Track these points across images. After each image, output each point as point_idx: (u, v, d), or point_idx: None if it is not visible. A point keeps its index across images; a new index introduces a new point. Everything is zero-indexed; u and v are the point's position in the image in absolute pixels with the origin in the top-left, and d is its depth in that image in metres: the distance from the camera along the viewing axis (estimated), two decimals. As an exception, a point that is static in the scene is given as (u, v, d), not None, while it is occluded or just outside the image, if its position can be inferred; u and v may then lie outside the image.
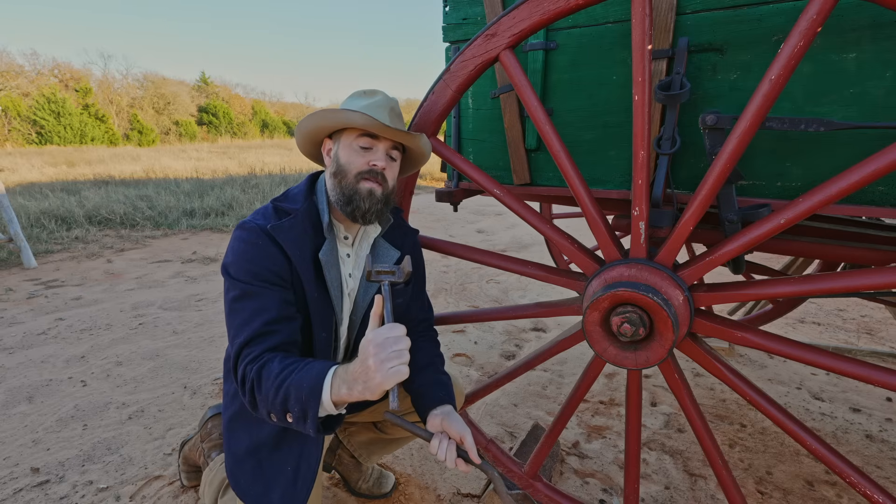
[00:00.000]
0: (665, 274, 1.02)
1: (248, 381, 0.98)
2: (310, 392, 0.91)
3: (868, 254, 1.19)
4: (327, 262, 1.15)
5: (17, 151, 20.66)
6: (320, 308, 1.16)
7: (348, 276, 1.22)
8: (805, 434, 0.99)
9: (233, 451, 1.22)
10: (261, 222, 1.11)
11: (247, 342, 1.02)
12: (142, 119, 34.57)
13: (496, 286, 4.08)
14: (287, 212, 1.14)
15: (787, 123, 0.98)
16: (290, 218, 1.12)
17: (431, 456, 1.88)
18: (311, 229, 1.14)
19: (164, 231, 6.19)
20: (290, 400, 0.92)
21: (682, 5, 1.08)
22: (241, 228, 1.12)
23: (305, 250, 1.12)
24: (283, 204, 1.16)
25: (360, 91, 1.18)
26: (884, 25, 0.91)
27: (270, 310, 1.06)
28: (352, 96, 1.18)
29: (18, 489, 1.69)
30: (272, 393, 0.94)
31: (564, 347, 1.26)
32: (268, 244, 1.08)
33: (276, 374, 0.95)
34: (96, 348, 2.85)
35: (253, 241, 1.09)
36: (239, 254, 1.09)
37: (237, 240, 1.11)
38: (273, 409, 0.96)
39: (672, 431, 2.05)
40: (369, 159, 1.12)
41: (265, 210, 1.15)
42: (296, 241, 1.10)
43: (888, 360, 2.61)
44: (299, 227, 1.12)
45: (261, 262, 1.08)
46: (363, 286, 1.25)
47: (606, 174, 1.27)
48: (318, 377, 0.92)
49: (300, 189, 1.20)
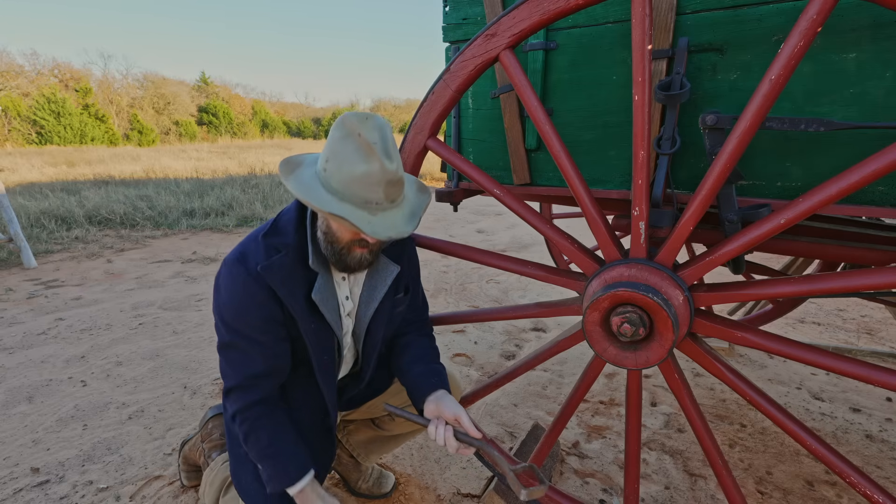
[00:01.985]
0: (665, 274, 1.02)
1: (238, 432, 1.14)
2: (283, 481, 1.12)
3: (868, 254, 1.19)
4: (322, 299, 1.12)
5: (17, 151, 20.65)
6: (319, 337, 1.16)
7: (345, 299, 1.21)
8: (805, 434, 0.99)
9: (235, 452, 1.23)
10: (250, 265, 1.05)
11: (231, 389, 1.13)
12: (142, 119, 34.54)
13: (496, 286, 4.08)
14: (277, 248, 1.08)
15: (787, 123, 0.98)
16: (281, 256, 1.07)
17: (432, 456, 1.88)
18: (302, 265, 1.10)
19: (164, 231, 6.19)
20: (267, 470, 1.12)
21: (682, 5, 1.08)
22: (230, 268, 1.07)
23: (297, 289, 1.09)
24: (274, 239, 1.09)
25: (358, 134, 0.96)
26: (884, 25, 0.91)
27: (255, 364, 1.10)
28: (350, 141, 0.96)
29: (18, 489, 1.69)
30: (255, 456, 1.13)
31: (564, 347, 1.26)
32: (256, 290, 1.05)
33: (265, 446, 1.12)
34: (96, 348, 2.85)
35: (242, 287, 1.05)
36: (228, 299, 1.07)
37: (227, 281, 1.07)
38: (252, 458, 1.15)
39: (672, 431, 2.05)
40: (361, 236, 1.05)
41: (255, 246, 1.08)
42: (286, 281, 1.07)
43: (888, 360, 2.61)
44: (290, 265, 1.08)
45: (249, 312, 1.06)
46: (364, 304, 1.23)
47: (606, 174, 1.27)
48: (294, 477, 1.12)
49: (290, 217, 1.12)
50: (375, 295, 1.22)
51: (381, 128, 0.99)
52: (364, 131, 0.96)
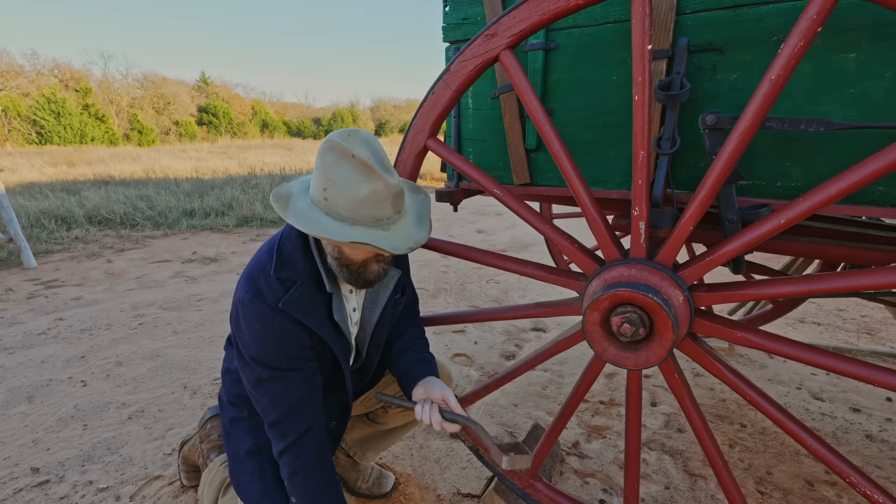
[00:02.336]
0: (665, 274, 1.02)
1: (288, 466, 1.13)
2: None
3: (868, 254, 1.19)
4: (341, 318, 1.16)
5: (17, 151, 20.66)
6: (339, 346, 1.19)
7: (353, 311, 1.25)
8: (805, 434, 0.99)
9: (233, 453, 1.23)
10: (270, 301, 1.05)
11: (276, 422, 1.12)
12: (142, 119, 34.54)
13: (496, 286, 4.08)
14: (292, 280, 1.07)
15: (787, 123, 0.98)
16: (297, 286, 1.07)
17: (432, 456, 1.88)
18: (318, 291, 1.12)
19: (164, 231, 6.19)
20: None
21: (682, 5, 1.08)
22: (252, 308, 1.05)
23: (320, 314, 1.12)
24: (283, 273, 1.08)
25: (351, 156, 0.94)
26: (884, 25, 0.91)
27: (296, 392, 1.11)
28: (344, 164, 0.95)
29: (18, 489, 1.69)
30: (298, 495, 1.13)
31: (564, 347, 1.26)
32: (284, 323, 1.06)
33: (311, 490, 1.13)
34: (96, 348, 2.85)
35: (270, 324, 1.05)
36: (257, 337, 1.06)
37: (251, 320, 1.06)
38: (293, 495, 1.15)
39: (672, 431, 2.05)
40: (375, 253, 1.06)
41: (266, 281, 1.07)
42: (309, 310, 1.09)
43: (888, 360, 2.61)
44: (308, 294, 1.09)
45: (282, 344, 1.07)
46: (367, 310, 1.27)
47: (606, 174, 1.27)
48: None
49: (294, 246, 1.10)
50: (379, 300, 1.26)
51: (368, 142, 0.98)
52: (355, 150, 0.95)
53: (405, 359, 1.28)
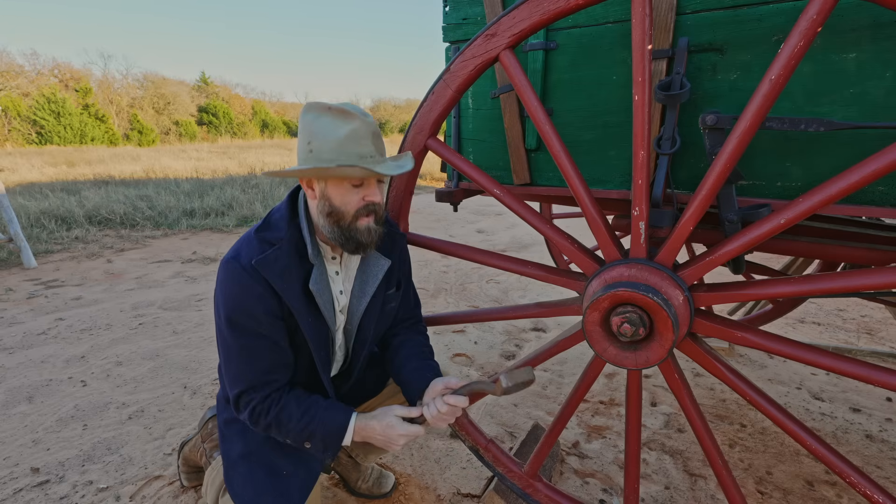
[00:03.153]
0: (665, 274, 1.02)
1: (264, 423, 1.11)
2: (335, 436, 1.12)
3: (868, 254, 1.19)
4: (318, 291, 1.13)
5: (17, 151, 20.66)
6: (316, 330, 1.16)
7: (339, 294, 1.22)
8: (805, 434, 0.99)
9: (227, 455, 1.23)
10: (244, 260, 1.06)
11: (244, 391, 1.11)
12: (142, 119, 34.54)
13: (496, 286, 4.08)
14: (271, 242, 1.09)
15: (787, 123, 0.98)
16: (275, 249, 1.08)
17: (432, 456, 1.88)
18: (297, 257, 1.12)
19: (164, 231, 6.20)
20: (315, 438, 1.11)
21: (682, 5, 1.08)
22: (226, 267, 1.09)
23: (293, 282, 1.10)
24: (266, 234, 1.11)
25: (334, 110, 1.04)
26: (884, 25, 0.91)
27: (263, 359, 1.10)
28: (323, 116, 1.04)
29: (18, 489, 1.69)
30: (295, 433, 1.11)
31: (564, 347, 1.26)
32: (253, 284, 1.06)
33: (298, 418, 1.11)
34: (96, 348, 2.85)
35: (239, 282, 1.06)
36: (228, 297, 1.08)
37: (224, 280, 1.08)
38: (292, 440, 1.13)
39: (672, 431, 2.05)
40: (364, 195, 1.08)
41: (249, 242, 1.10)
42: (282, 274, 1.08)
43: (888, 360, 2.61)
44: (284, 258, 1.09)
45: (249, 306, 1.07)
46: (355, 298, 1.25)
47: (606, 174, 1.27)
48: (341, 425, 1.12)
49: (281, 214, 1.14)
50: (367, 289, 1.23)
51: (357, 110, 1.06)
52: (331, 106, 1.04)
53: (409, 366, 1.26)
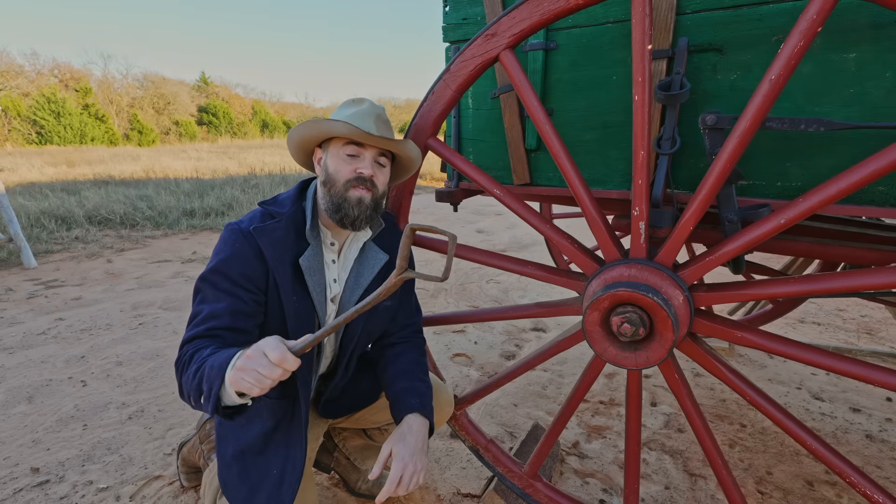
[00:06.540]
0: (665, 274, 1.02)
1: (181, 363, 1.02)
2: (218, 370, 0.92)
3: (868, 254, 1.19)
4: (309, 268, 1.15)
5: (17, 151, 20.66)
6: (300, 313, 1.16)
7: (333, 282, 1.22)
8: (805, 434, 0.99)
9: (222, 456, 1.23)
10: (245, 224, 1.12)
11: (190, 339, 1.06)
12: (142, 119, 34.53)
13: (496, 286, 4.08)
14: (272, 215, 1.16)
15: (787, 123, 0.98)
16: (275, 221, 1.14)
17: (432, 456, 1.88)
18: (294, 234, 1.15)
19: (164, 231, 6.20)
20: (203, 378, 0.94)
21: (682, 5, 1.08)
22: (227, 229, 1.15)
23: (285, 254, 1.12)
24: (272, 207, 1.18)
25: (350, 100, 1.20)
26: (884, 25, 0.91)
27: (222, 317, 1.08)
28: (342, 105, 1.20)
29: (18, 489, 1.69)
30: (192, 373, 0.96)
31: (564, 347, 1.26)
32: (245, 246, 1.10)
33: (204, 357, 0.98)
34: (96, 348, 2.85)
35: (231, 241, 1.11)
36: (216, 252, 1.12)
37: (220, 239, 1.15)
38: (191, 390, 0.97)
39: (672, 431, 2.05)
40: (356, 167, 1.13)
41: (254, 213, 1.17)
42: (275, 244, 1.11)
43: (888, 360, 2.61)
44: (281, 230, 1.13)
45: (232, 264, 1.09)
46: (349, 290, 1.24)
47: (606, 174, 1.27)
48: (227, 358, 0.93)
49: (289, 194, 1.21)
50: (361, 282, 1.24)
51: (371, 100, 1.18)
52: (354, 100, 1.19)
53: (398, 384, 1.26)
